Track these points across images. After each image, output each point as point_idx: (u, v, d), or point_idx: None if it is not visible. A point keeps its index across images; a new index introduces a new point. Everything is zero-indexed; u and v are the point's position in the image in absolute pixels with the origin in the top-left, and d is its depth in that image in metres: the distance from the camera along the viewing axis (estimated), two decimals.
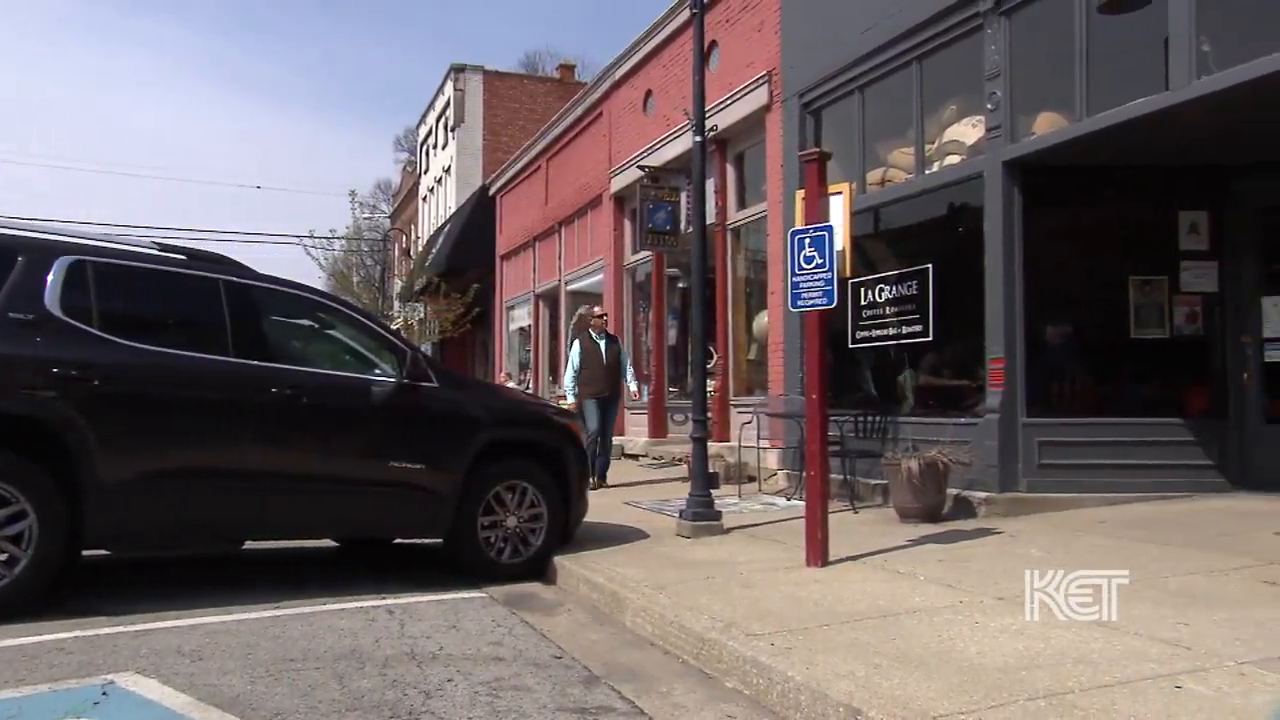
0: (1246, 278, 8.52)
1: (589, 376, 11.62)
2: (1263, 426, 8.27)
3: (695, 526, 7.69)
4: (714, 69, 13.41)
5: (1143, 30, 7.34)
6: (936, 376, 9.55)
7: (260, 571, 7.07)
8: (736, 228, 13.80)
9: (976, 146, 8.89)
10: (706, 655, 4.70)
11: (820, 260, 6.31)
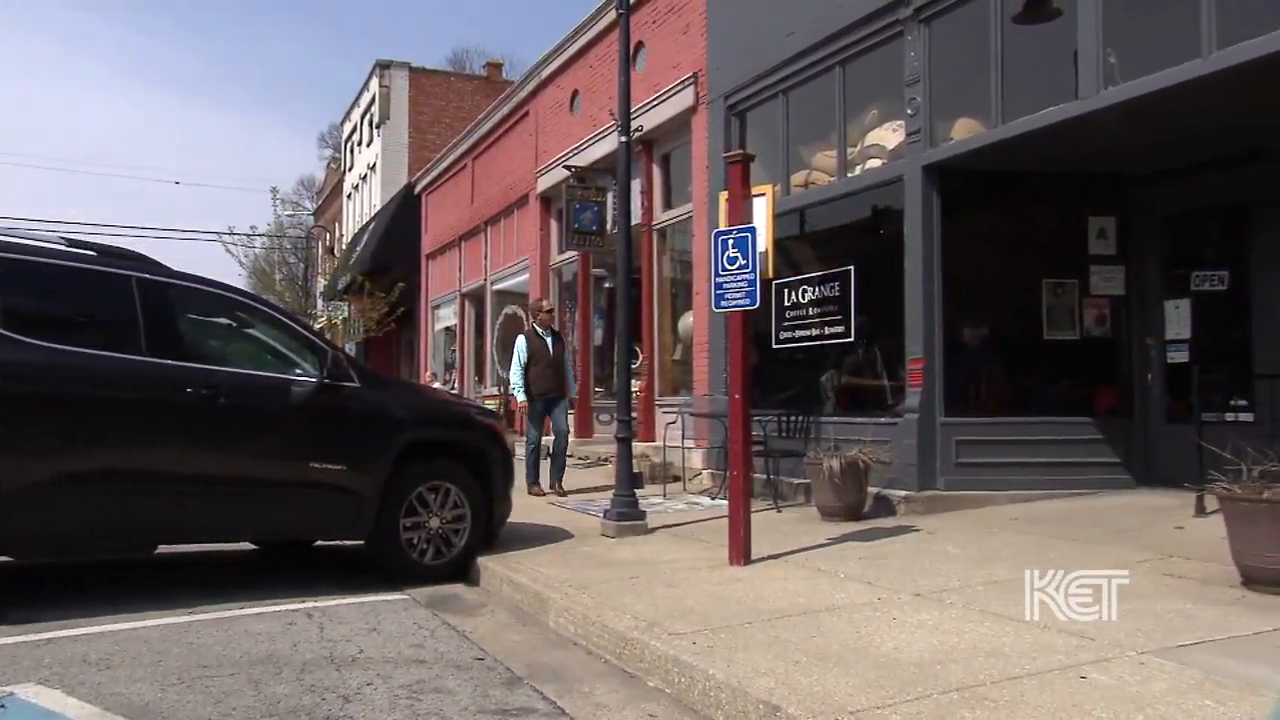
0: (1150, 282, 8.82)
1: (536, 375, 10.68)
2: (1165, 425, 8.56)
3: (620, 526, 7.71)
4: (641, 70, 13.45)
5: (1055, 41, 7.54)
6: (858, 377, 9.70)
7: (175, 576, 6.91)
8: (663, 228, 13.85)
9: (897, 150, 9.06)
10: (629, 655, 4.72)
11: (744, 261, 6.37)
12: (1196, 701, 3.52)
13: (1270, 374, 7.72)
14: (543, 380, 10.68)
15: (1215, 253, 8.52)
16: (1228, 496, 5.23)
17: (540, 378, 10.65)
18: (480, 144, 21.15)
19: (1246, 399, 7.94)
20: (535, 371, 10.63)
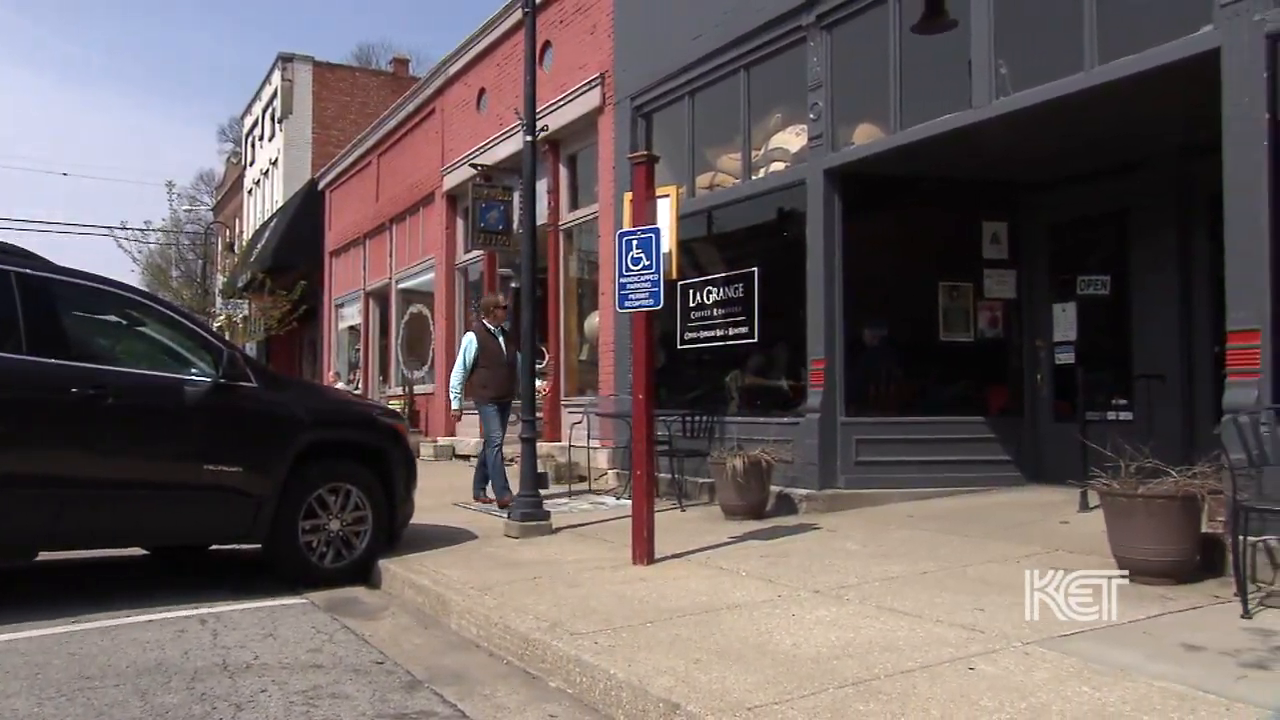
0: (1040, 285, 9.15)
1: (488, 377, 9.53)
2: (1052, 424, 8.89)
3: (524, 527, 7.68)
4: (548, 69, 13.41)
5: (952, 51, 7.75)
6: (762, 377, 9.83)
7: (60, 585, 6.65)
8: (569, 228, 13.84)
9: (800, 154, 9.21)
10: (531, 655, 4.70)
11: (647, 262, 6.40)
12: (1074, 688, 3.67)
13: (1147, 374, 8.08)
14: (498, 382, 9.60)
15: (1098, 258, 8.87)
16: (1106, 492, 5.46)
17: (495, 379, 9.60)
18: (386, 141, 20.83)
19: (1126, 399, 8.30)
20: (489, 373, 9.57)
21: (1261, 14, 5.45)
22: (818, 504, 8.29)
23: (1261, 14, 5.45)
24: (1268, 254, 5.40)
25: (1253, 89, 5.46)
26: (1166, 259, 8.14)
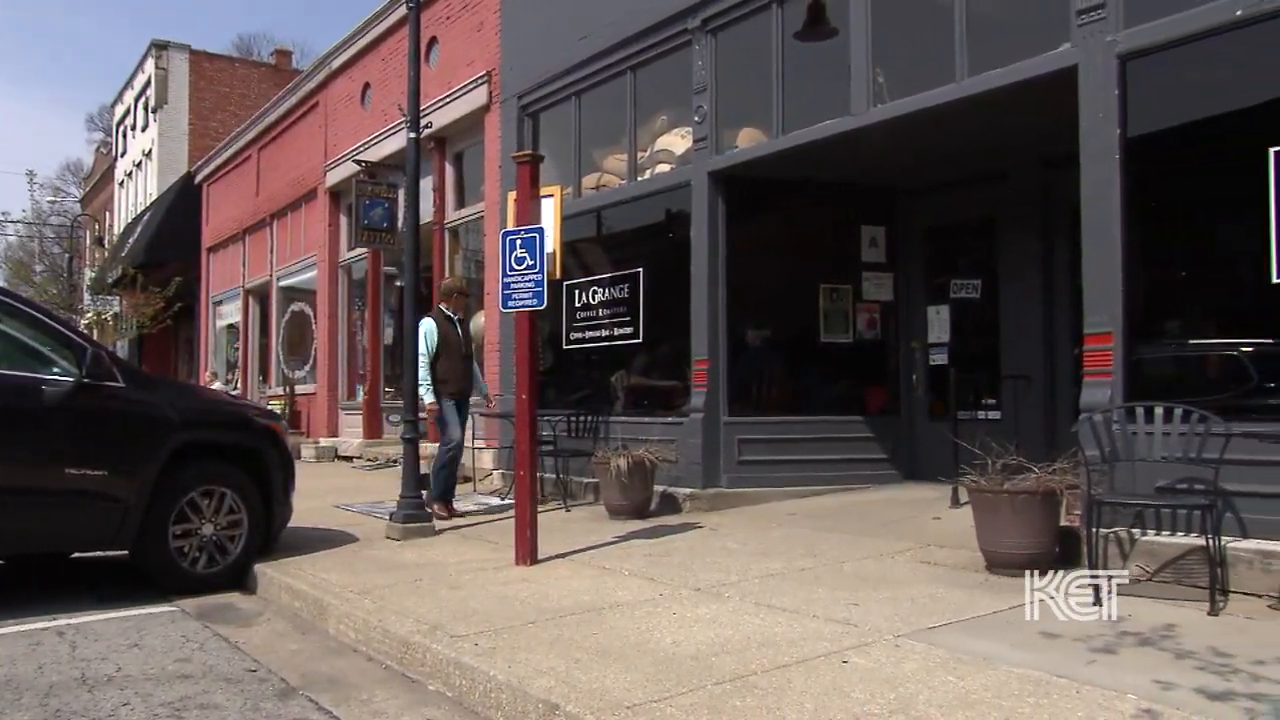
0: (916, 288, 9.45)
1: (447, 370, 8.61)
2: (927, 424, 9.19)
3: (406, 529, 7.57)
4: (434, 66, 13.25)
5: (833, 59, 7.93)
6: (647, 377, 9.90)
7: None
8: (455, 227, 13.70)
9: (685, 156, 9.31)
10: (410, 659, 4.65)
11: (531, 262, 6.39)
12: (941, 678, 3.80)
13: (1014, 375, 8.42)
14: (458, 375, 8.69)
15: (970, 263, 9.21)
16: (975, 489, 5.67)
17: (454, 372, 8.65)
18: (267, 134, 20.26)
19: (995, 398, 8.64)
20: (448, 366, 8.60)
21: (1114, 35, 5.75)
22: (701, 503, 8.39)
23: (1114, 35, 5.75)
24: (1120, 261, 5.69)
25: (1106, 105, 5.75)
26: (1031, 264, 8.50)
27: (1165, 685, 3.61)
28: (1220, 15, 5.34)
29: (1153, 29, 5.62)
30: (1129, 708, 3.40)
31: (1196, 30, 5.44)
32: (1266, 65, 5.35)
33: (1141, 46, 5.66)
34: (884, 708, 3.51)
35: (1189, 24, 5.48)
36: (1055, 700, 3.51)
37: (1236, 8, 5.27)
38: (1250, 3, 5.21)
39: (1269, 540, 4.93)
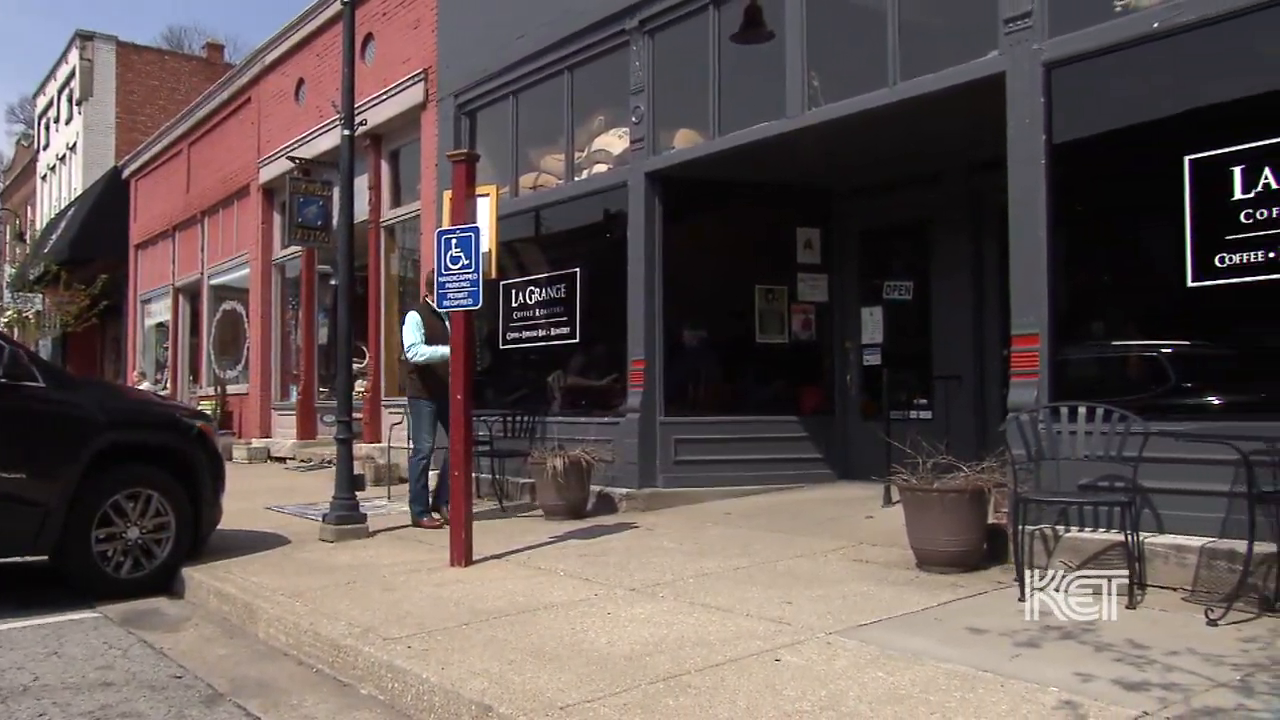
0: (850, 290, 9.58)
1: (431, 369, 7.98)
2: (861, 423, 9.31)
3: (339, 530, 7.49)
4: (370, 63, 13.12)
5: (769, 61, 8.01)
6: (583, 377, 9.89)
7: None
8: (391, 225, 13.56)
9: (622, 157, 9.33)
10: (342, 662, 4.59)
11: (466, 261, 6.36)
12: (871, 674, 3.86)
13: (944, 375, 8.58)
14: (439, 374, 7.77)
15: (903, 265, 9.36)
16: (906, 487, 5.77)
17: (437, 370, 7.88)
18: (198, 129, 19.87)
19: (927, 398, 8.79)
20: (436, 366, 7.89)
21: (1039, 43, 5.88)
22: (637, 503, 8.41)
23: (1039, 43, 5.88)
24: (1046, 264, 5.82)
25: (1032, 112, 5.88)
26: (962, 267, 8.67)
27: (1085, 677, 3.70)
28: (1139, 27, 5.49)
29: (1076, 39, 5.76)
30: (1050, 700, 3.48)
31: (1117, 41, 5.59)
32: (1183, 77, 5.53)
33: (1066, 55, 5.80)
34: (815, 705, 3.56)
35: (1110, 35, 5.63)
36: (981, 694, 3.58)
37: (1154, 21, 5.43)
38: (1166, 17, 5.38)
39: (1184, 535, 5.08)
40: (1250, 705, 3.40)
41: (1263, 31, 5.14)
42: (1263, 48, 5.22)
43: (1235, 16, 5.13)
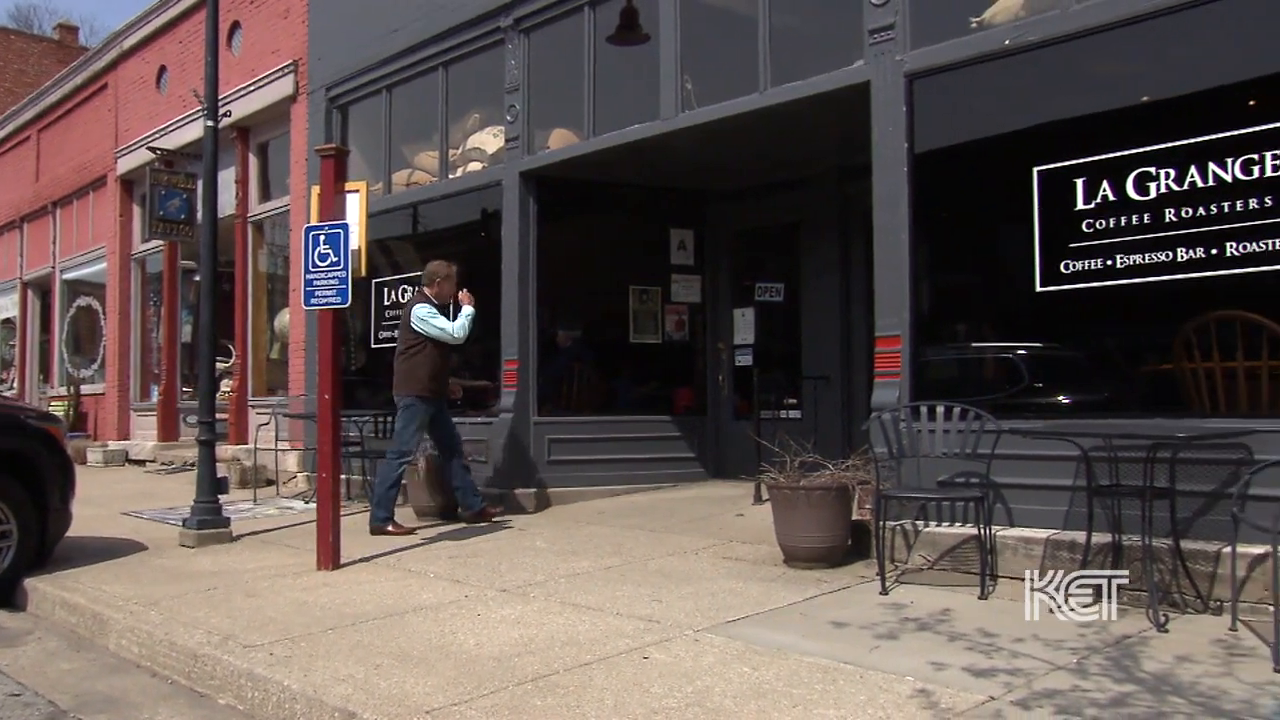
0: (723, 291, 9.73)
1: (438, 365, 7.54)
2: (733, 423, 9.47)
3: (200, 535, 7.23)
4: (236, 53, 12.71)
5: (644, 64, 8.06)
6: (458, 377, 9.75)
7: None
8: (259, 221, 13.14)
9: (497, 155, 9.26)
10: (199, 673, 4.44)
11: (335, 258, 6.24)
12: (737, 670, 3.94)
13: (813, 376, 8.79)
14: (444, 374, 7.66)
15: (774, 267, 9.56)
16: (773, 486, 5.90)
17: (442, 369, 7.61)
18: (48, 115, 18.83)
19: (797, 398, 9.00)
20: (439, 360, 7.55)
21: (902, 55, 6.09)
22: (511, 503, 8.36)
23: (902, 55, 6.09)
24: (908, 267, 6.03)
25: (895, 120, 6.08)
26: (831, 269, 8.89)
27: (939, 666, 3.86)
28: (992, 43, 5.75)
29: (936, 51, 5.99)
30: (906, 689, 3.61)
31: (973, 55, 5.84)
32: (1031, 92, 5.81)
33: (927, 67, 6.02)
34: (681, 701, 3.61)
35: (966, 49, 5.87)
36: (841, 686, 3.69)
37: (1004, 38, 5.70)
38: (1016, 35, 5.65)
39: (1031, 528, 5.34)
40: (1084, 686, 3.60)
41: (1102, 53, 5.45)
42: (1102, 68, 5.53)
43: (1077, 38, 5.43)
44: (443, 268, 7.83)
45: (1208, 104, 5.06)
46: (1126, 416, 5.22)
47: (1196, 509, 4.81)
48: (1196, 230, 4.94)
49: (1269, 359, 4.79)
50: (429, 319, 7.47)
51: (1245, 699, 3.42)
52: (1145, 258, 5.12)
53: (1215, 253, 4.88)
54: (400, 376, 7.54)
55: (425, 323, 7.47)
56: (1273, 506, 3.84)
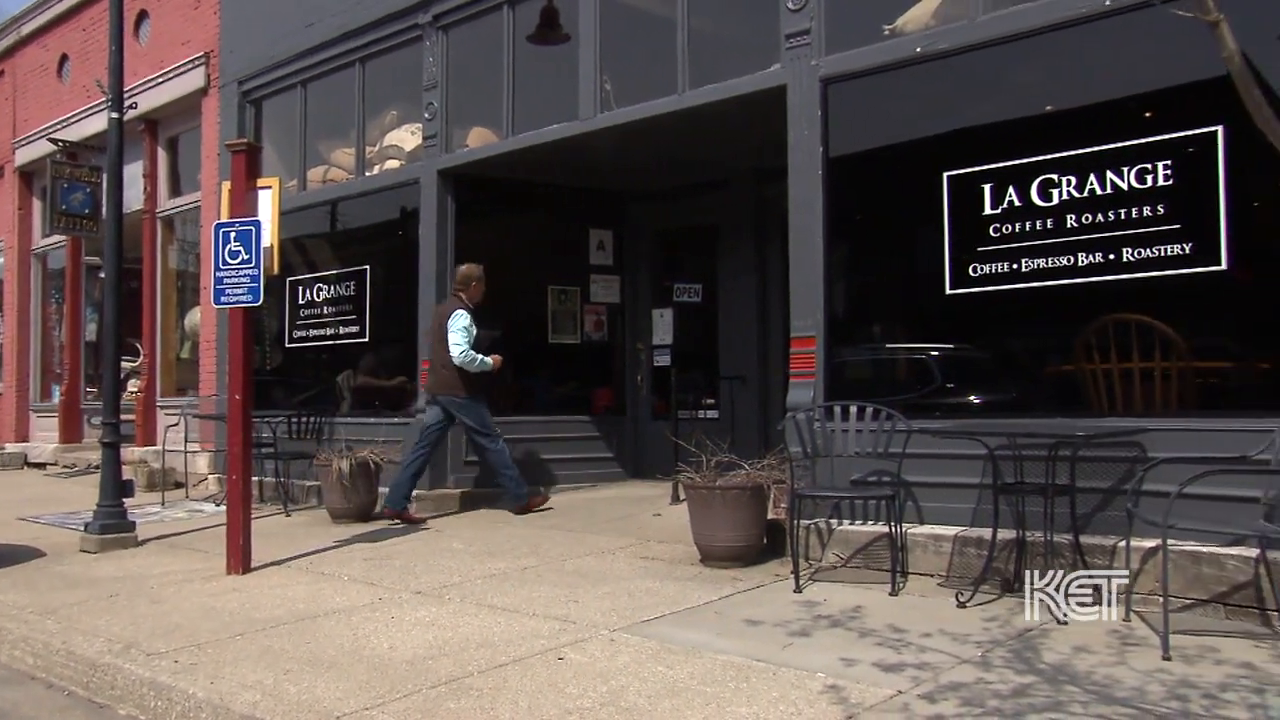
0: (642, 291, 9.78)
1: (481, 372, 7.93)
2: (651, 423, 9.52)
3: (103, 540, 7.02)
4: (144, 43, 12.37)
5: (564, 63, 8.04)
6: (374, 377, 9.65)
7: None
8: (169, 216, 12.78)
9: (415, 153, 9.16)
10: (98, 683, 4.31)
11: (246, 256, 6.12)
12: (651, 669, 3.96)
13: (730, 376, 8.88)
14: (491, 375, 8.06)
15: (693, 268, 9.63)
16: (689, 485, 5.94)
17: (484, 372, 7.96)
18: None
19: (714, 398, 9.08)
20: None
21: (818, 59, 6.17)
22: (427, 504, 8.27)
23: (818, 59, 6.17)
24: (823, 269, 6.12)
25: (811, 123, 6.17)
26: (748, 271, 8.99)
27: (849, 662, 3.93)
28: (904, 50, 5.87)
29: (850, 57, 6.09)
30: (817, 685, 3.67)
31: (886, 62, 5.95)
32: (942, 99, 5.95)
33: (841, 72, 6.12)
34: (595, 701, 3.61)
35: (879, 56, 5.99)
36: (754, 683, 3.73)
37: (916, 46, 5.82)
38: (927, 43, 5.77)
39: (941, 525, 5.46)
40: (988, 678, 3.70)
41: (1008, 63, 5.62)
42: (1009, 77, 5.70)
43: (984, 47, 5.56)
44: (476, 269, 8.06)
45: (1106, 115, 5.23)
46: (1032, 416, 5.38)
47: (1095, 505, 4.98)
48: (1096, 236, 5.11)
49: (1161, 360, 4.98)
50: (454, 330, 7.76)
51: (1136, 686, 3.56)
52: (1049, 262, 5.28)
53: (1113, 258, 5.05)
54: (449, 380, 7.82)
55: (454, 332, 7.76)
56: (1164, 502, 3.98)
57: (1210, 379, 5.16)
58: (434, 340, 8.01)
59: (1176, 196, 4.89)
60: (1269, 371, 4.94)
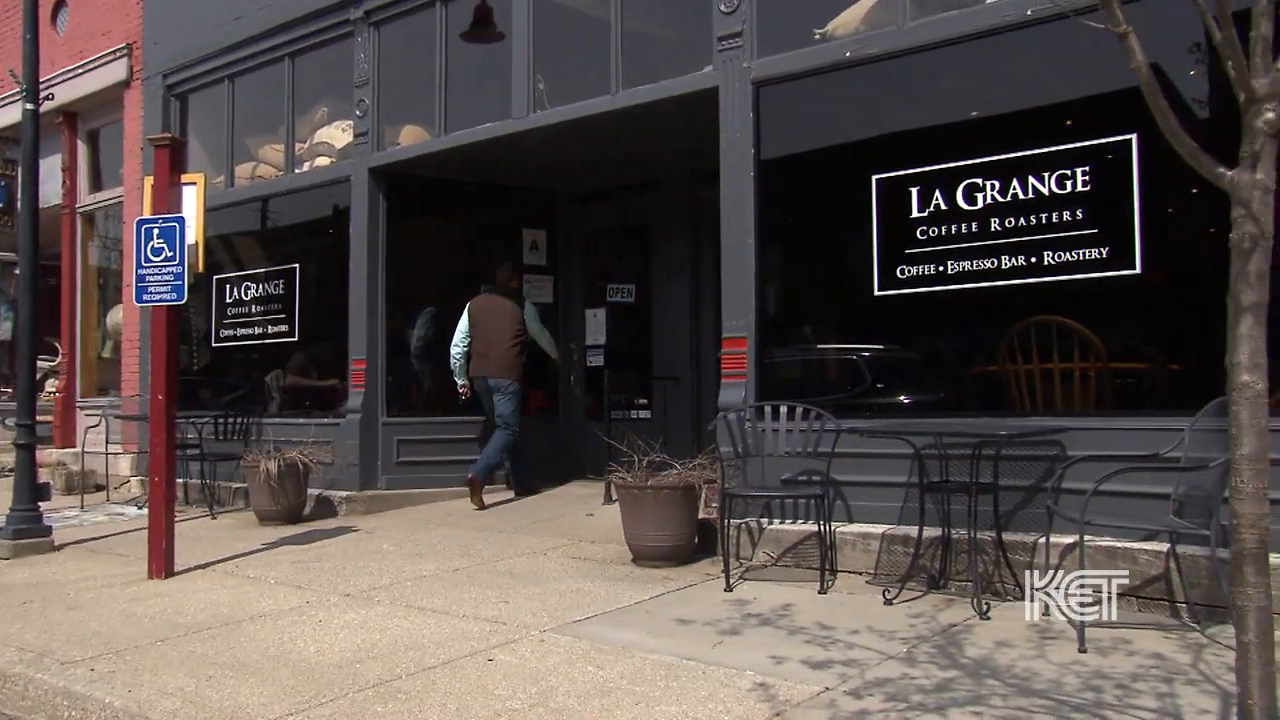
0: (575, 292, 9.74)
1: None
2: (585, 423, 9.49)
3: (16, 545, 6.82)
4: (62, 32, 12.02)
5: (497, 62, 7.99)
6: (304, 377, 9.50)
7: None
8: (90, 212, 12.44)
9: (345, 151, 9.04)
10: (8, 694, 4.19)
11: (170, 253, 5.99)
12: (581, 669, 3.96)
13: (663, 376, 8.91)
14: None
15: (626, 268, 9.63)
16: (621, 485, 5.95)
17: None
18: None
19: (647, 398, 9.09)
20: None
21: (749, 62, 6.23)
22: (358, 505, 8.18)
23: (749, 62, 6.23)
24: (754, 270, 6.18)
25: (743, 125, 6.22)
26: (681, 271, 9.02)
27: (778, 660, 3.97)
28: (833, 55, 5.95)
29: (781, 60, 6.15)
30: (746, 683, 3.71)
31: (817, 65, 6.02)
32: (871, 103, 6.05)
33: (772, 75, 6.18)
34: (525, 702, 3.61)
35: (810, 59, 6.06)
36: (684, 682, 3.76)
37: (845, 50, 5.90)
38: (856, 48, 5.86)
39: (869, 524, 5.54)
40: (912, 673, 3.78)
41: (935, 69, 5.71)
42: (936, 83, 5.80)
43: (912, 53, 5.66)
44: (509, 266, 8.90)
45: (1029, 121, 5.37)
46: (959, 415, 5.50)
47: (1017, 503, 5.10)
48: (1019, 239, 5.23)
49: (1080, 361, 5.12)
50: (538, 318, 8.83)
51: (1053, 679, 3.66)
52: (974, 264, 5.39)
53: (1035, 260, 5.18)
54: (504, 364, 8.37)
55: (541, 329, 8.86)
56: (1082, 499, 4.09)
57: (1126, 379, 5.33)
58: (493, 332, 8.44)
59: (1094, 201, 5.03)
60: (1179, 373, 5.12)
